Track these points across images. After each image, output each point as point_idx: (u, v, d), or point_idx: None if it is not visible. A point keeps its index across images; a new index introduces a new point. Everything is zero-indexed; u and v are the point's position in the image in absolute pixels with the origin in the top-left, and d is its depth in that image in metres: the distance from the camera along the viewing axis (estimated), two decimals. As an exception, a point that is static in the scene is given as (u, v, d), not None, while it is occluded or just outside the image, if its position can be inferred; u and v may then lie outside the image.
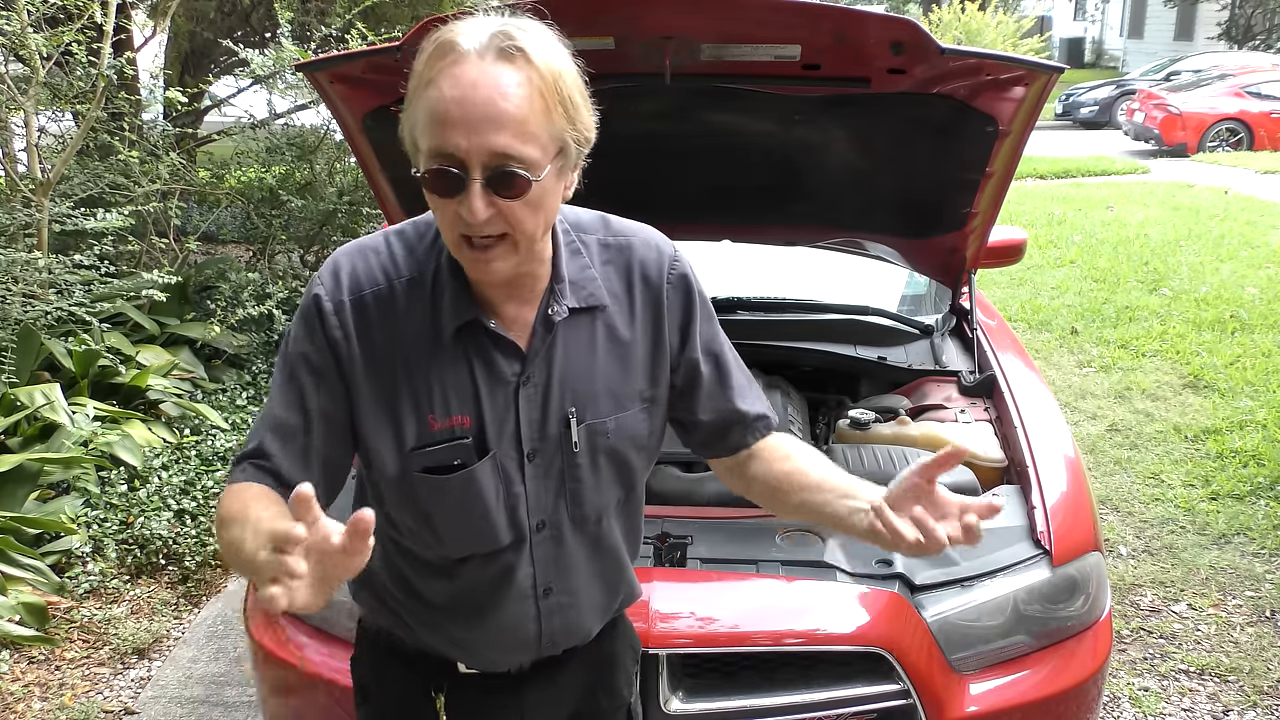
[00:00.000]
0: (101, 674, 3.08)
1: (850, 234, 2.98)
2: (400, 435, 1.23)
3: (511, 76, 1.08)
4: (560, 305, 1.24)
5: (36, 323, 4.11)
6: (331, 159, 6.24)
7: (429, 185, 1.12)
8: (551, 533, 1.30)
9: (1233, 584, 3.52)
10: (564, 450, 1.27)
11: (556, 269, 1.25)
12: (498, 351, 1.24)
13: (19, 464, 3.46)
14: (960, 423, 2.53)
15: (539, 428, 1.26)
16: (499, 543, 1.28)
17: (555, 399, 1.26)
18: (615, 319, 1.30)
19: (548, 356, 1.25)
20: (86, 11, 4.43)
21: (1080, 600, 2.00)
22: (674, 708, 1.78)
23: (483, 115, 1.07)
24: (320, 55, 4.68)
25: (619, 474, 1.33)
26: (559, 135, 1.13)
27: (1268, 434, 4.68)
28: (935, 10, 20.57)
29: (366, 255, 1.25)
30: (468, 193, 1.09)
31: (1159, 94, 15.48)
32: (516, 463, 1.26)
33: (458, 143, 1.07)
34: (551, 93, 1.11)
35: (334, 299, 1.21)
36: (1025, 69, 2.19)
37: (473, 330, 1.23)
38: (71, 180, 4.81)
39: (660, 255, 1.35)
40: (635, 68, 2.25)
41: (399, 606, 1.38)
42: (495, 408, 1.24)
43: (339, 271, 1.23)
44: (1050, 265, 8.12)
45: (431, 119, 1.09)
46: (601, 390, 1.28)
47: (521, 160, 1.09)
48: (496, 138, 1.07)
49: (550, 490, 1.28)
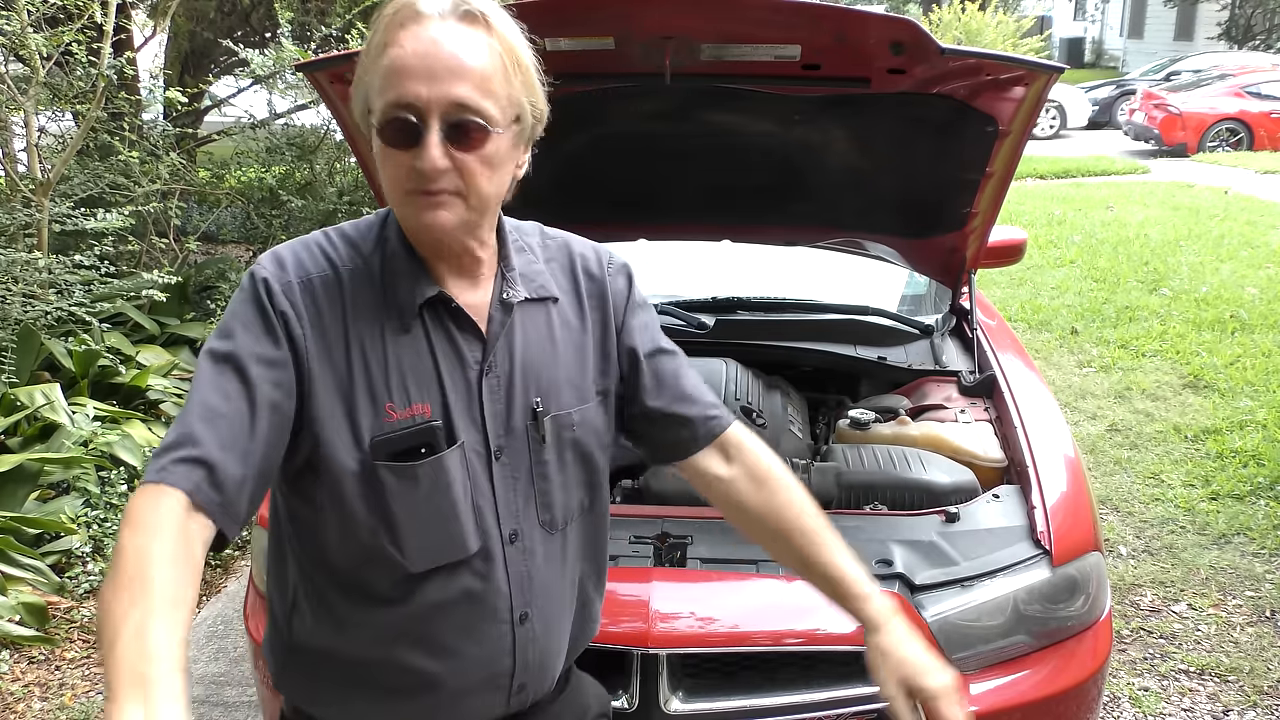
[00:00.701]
0: (101, 674, 3.07)
1: (850, 234, 2.98)
2: (356, 427, 1.15)
3: (474, 36, 1.09)
4: (514, 290, 1.22)
5: (36, 323, 4.11)
6: (331, 159, 6.25)
7: (384, 136, 1.09)
8: (524, 544, 1.24)
9: (1233, 584, 3.52)
10: (530, 446, 1.23)
11: (505, 258, 1.24)
12: (460, 333, 1.20)
13: (19, 464, 3.46)
14: (960, 423, 2.53)
15: (504, 421, 1.21)
16: (466, 549, 1.19)
17: (519, 389, 1.22)
18: (567, 311, 1.29)
19: (508, 343, 1.22)
20: (86, 11, 4.43)
21: (1080, 600, 2.00)
22: (674, 708, 1.77)
23: (445, 66, 1.06)
24: (320, 55, 4.68)
25: (584, 472, 1.29)
26: (517, 101, 1.13)
27: (1268, 434, 4.68)
28: (935, 10, 20.56)
29: (309, 246, 1.20)
30: (424, 143, 1.07)
31: (1159, 94, 15.47)
32: (484, 460, 1.20)
33: (418, 92, 1.06)
34: (511, 58, 1.11)
35: (280, 280, 1.14)
36: (1025, 69, 2.19)
37: (434, 310, 1.19)
38: (71, 180, 4.81)
39: (597, 251, 1.35)
40: (635, 68, 2.25)
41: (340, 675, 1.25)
42: (458, 396, 1.19)
43: (281, 258, 1.17)
44: (1050, 265, 8.12)
45: (391, 73, 1.08)
46: (563, 381, 1.26)
47: (481, 113, 1.08)
48: (458, 87, 1.07)
49: (519, 494, 1.23)
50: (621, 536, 2.02)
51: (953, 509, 2.10)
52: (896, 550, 1.98)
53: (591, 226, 3.07)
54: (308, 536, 1.22)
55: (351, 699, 1.26)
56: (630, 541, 2.01)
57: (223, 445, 1.05)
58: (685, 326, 2.91)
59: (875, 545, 1.99)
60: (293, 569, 1.26)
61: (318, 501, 1.18)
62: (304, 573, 1.24)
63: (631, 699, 1.77)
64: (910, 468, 2.27)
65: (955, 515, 2.08)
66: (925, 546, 2.00)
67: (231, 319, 1.14)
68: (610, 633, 1.78)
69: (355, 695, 1.25)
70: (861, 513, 2.16)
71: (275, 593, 1.30)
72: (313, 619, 1.24)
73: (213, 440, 1.05)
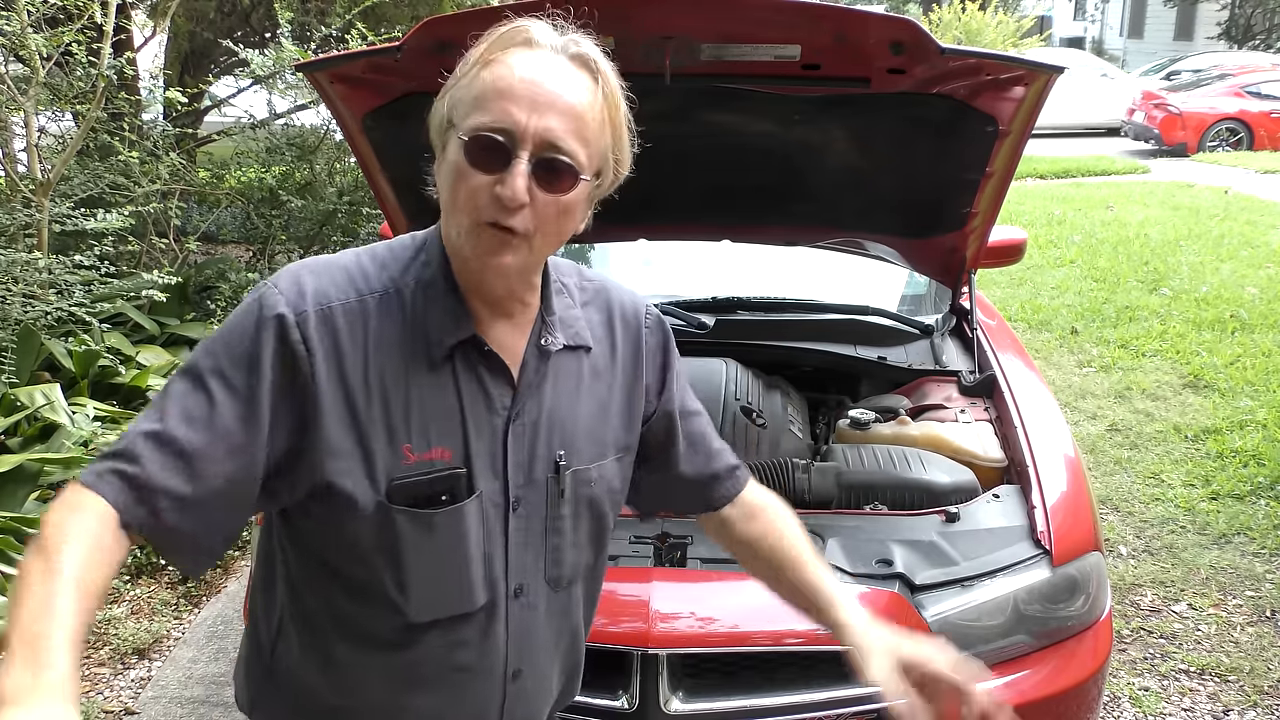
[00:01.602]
0: (101, 674, 3.08)
1: (850, 234, 2.98)
2: (371, 466, 1.07)
3: (582, 79, 1.06)
4: (554, 336, 1.16)
5: (36, 323, 4.11)
6: (331, 159, 6.25)
7: (469, 152, 1.02)
8: (528, 599, 1.19)
9: (1233, 584, 3.52)
10: (548, 500, 1.17)
11: (547, 302, 1.17)
12: (490, 378, 1.12)
13: (19, 464, 3.46)
14: (960, 423, 2.53)
15: (525, 471, 1.15)
16: (472, 604, 1.14)
17: (543, 440, 1.16)
18: (598, 361, 1.23)
19: (539, 392, 1.16)
20: (86, 12, 4.43)
21: (1080, 600, 2.00)
22: (674, 708, 1.77)
23: (549, 99, 1.02)
24: (320, 55, 4.68)
25: (594, 530, 1.24)
26: (605, 154, 1.09)
27: (1268, 434, 4.68)
28: (935, 10, 20.56)
29: (334, 269, 1.11)
30: (511, 170, 1.01)
31: (1159, 94, 15.47)
32: (500, 511, 1.14)
33: (516, 117, 1.01)
34: (611, 111, 1.09)
35: (296, 309, 1.05)
36: (1025, 69, 2.19)
37: (465, 351, 1.11)
38: (71, 180, 4.81)
39: (635, 299, 1.31)
40: (635, 68, 2.23)
41: (317, 712, 1.21)
42: (482, 443, 1.12)
43: (302, 285, 1.08)
44: (1050, 265, 8.11)
45: (489, 92, 1.02)
46: (584, 435, 1.20)
47: (572, 156, 1.04)
48: (557, 123, 1.02)
49: (530, 547, 1.17)
50: (621, 536, 2.02)
51: (953, 509, 2.10)
52: (896, 550, 1.98)
53: (591, 226, 3.10)
54: (305, 565, 1.17)
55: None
56: (630, 541, 2.01)
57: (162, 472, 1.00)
58: (685, 326, 2.91)
59: (875, 545, 1.99)
60: (283, 593, 1.21)
61: (324, 534, 1.13)
62: (296, 599, 1.20)
63: (631, 699, 1.77)
64: (910, 468, 2.27)
65: (955, 515, 2.08)
66: (925, 546, 2.00)
67: (226, 339, 1.06)
68: (610, 633, 1.78)
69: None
70: (861, 513, 2.17)
71: (261, 615, 1.26)
72: (299, 650, 1.20)
73: (157, 467, 1.00)
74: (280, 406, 1.05)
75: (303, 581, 1.18)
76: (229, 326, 1.07)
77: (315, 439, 1.06)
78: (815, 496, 2.21)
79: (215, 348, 1.06)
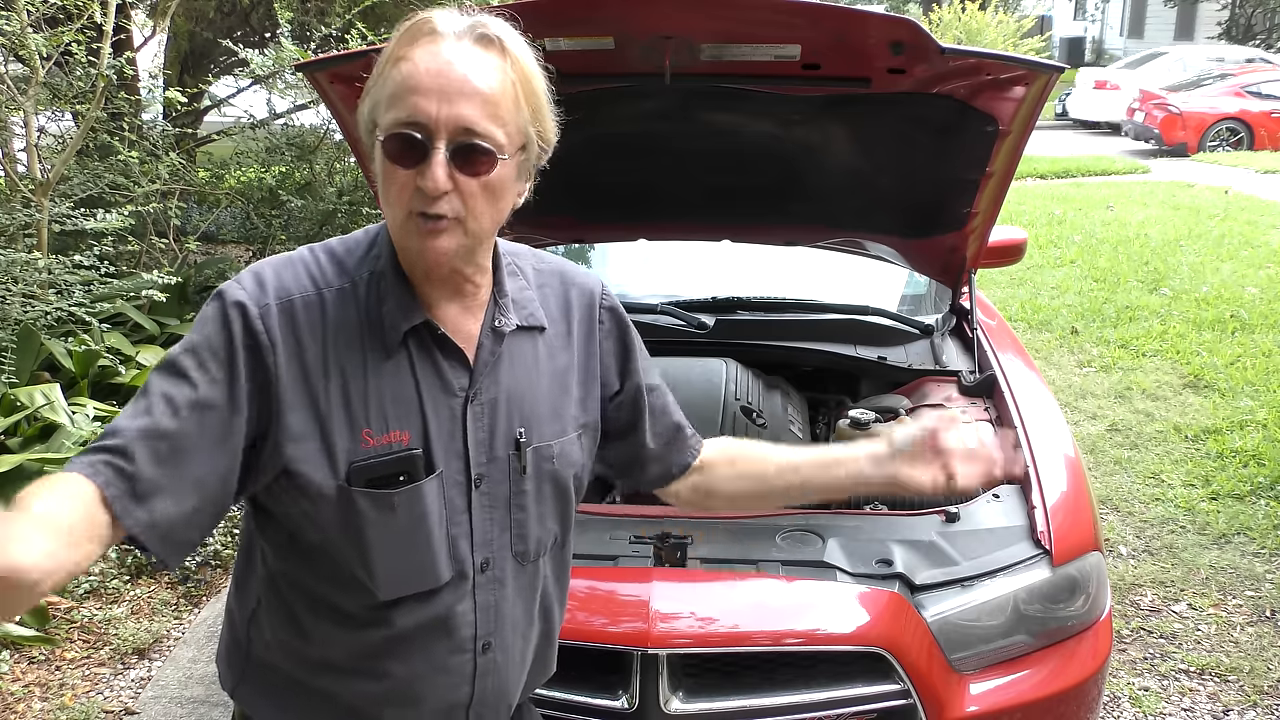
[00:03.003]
0: (102, 674, 3.08)
1: (850, 234, 2.98)
2: (332, 451, 1.12)
3: (488, 59, 1.08)
4: (506, 318, 1.20)
5: (36, 323, 4.11)
6: (331, 159, 6.24)
7: (388, 151, 1.07)
8: (495, 573, 1.23)
9: (1233, 584, 3.52)
10: (510, 476, 1.21)
11: (499, 284, 1.22)
12: (446, 361, 1.17)
13: (19, 464, 3.46)
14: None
15: (486, 449, 1.20)
16: (438, 579, 1.18)
17: (503, 418, 1.20)
18: (554, 341, 1.27)
19: (495, 371, 1.20)
20: (86, 11, 4.43)
21: (1080, 600, 2.00)
22: (674, 708, 1.77)
23: (457, 87, 1.05)
24: (320, 55, 4.68)
25: (559, 505, 1.28)
26: (524, 129, 1.12)
27: (1268, 434, 4.68)
28: (935, 10, 20.55)
29: (293, 264, 1.16)
30: (429, 161, 1.05)
31: (1159, 93, 15.48)
32: (462, 489, 1.19)
33: (427, 110, 1.05)
34: (524, 85, 1.10)
35: (259, 303, 1.10)
36: (1025, 69, 2.19)
37: (419, 336, 1.16)
38: (71, 180, 4.81)
39: (590, 280, 1.34)
40: (635, 68, 2.25)
41: (297, 692, 1.25)
42: (440, 424, 1.16)
43: (261, 276, 1.13)
44: (1050, 265, 8.11)
45: (401, 88, 1.06)
46: (545, 412, 1.24)
47: (488, 138, 1.07)
48: (468, 109, 1.05)
49: (495, 522, 1.22)
50: (622, 536, 2.02)
51: (953, 509, 2.10)
52: (896, 550, 1.98)
53: (591, 226, 3.10)
54: (277, 551, 1.21)
55: (307, 717, 1.27)
56: (630, 541, 2.01)
57: (155, 466, 1.02)
58: (685, 326, 2.91)
59: (875, 545, 1.99)
60: (259, 580, 1.25)
61: (291, 519, 1.16)
62: (271, 585, 1.24)
63: (631, 699, 1.77)
64: (910, 468, 2.27)
65: (955, 515, 2.08)
66: (925, 546, 2.00)
67: (198, 336, 1.10)
68: (610, 633, 1.78)
69: (311, 714, 1.26)
70: (861, 513, 2.17)
71: (236, 602, 1.31)
72: (272, 633, 1.24)
73: (146, 458, 1.02)
74: (252, 392, 1.09)
75: (277, 568, 1.22)
76: (198, 323, 1.11)
77: (278, 426, 1.10)
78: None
79: (189, 343, 1.10)
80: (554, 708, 1.75)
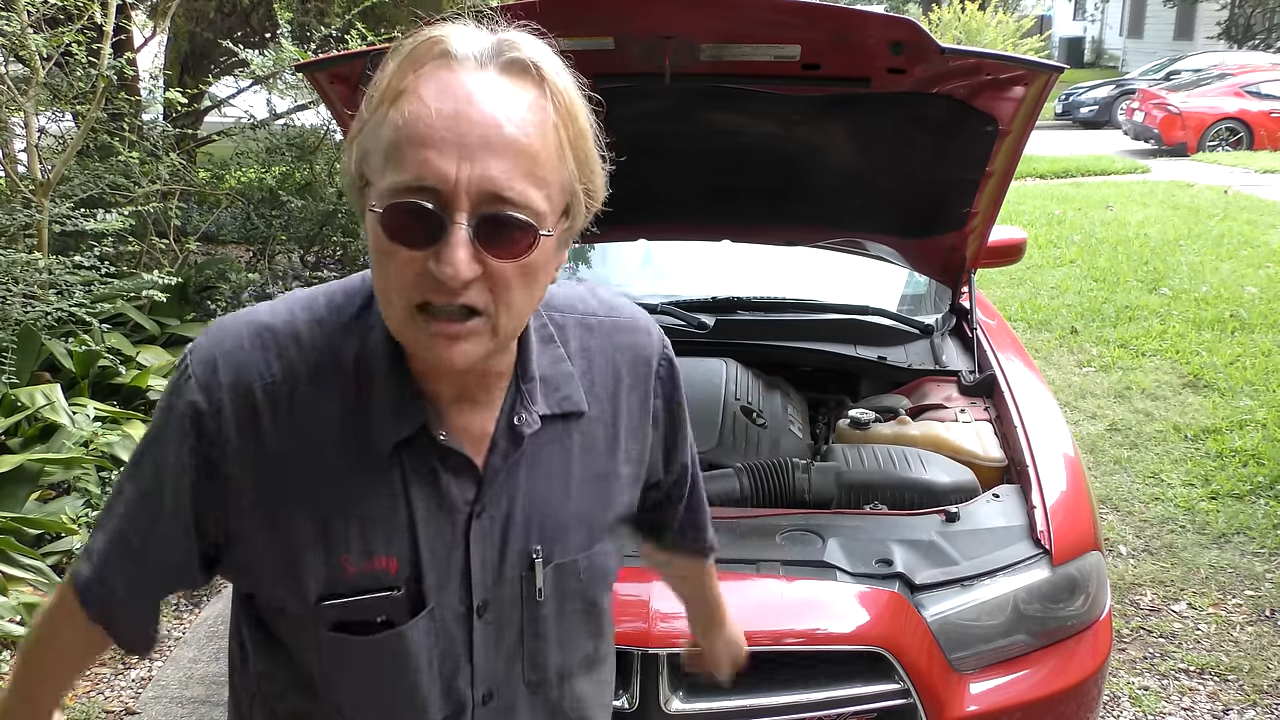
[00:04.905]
0: (102, 674, 3.08)
1: (850, 234, 2.98)
2: (300, 579, 0.91)
3: (522, 96, 0.81)
4: (530, 413, 0.95)
5: (37, 323, 4.11)
6: (331, 159, 6.24)
7: (389, 227, 0.80)
8: (501, 703, 1.01)
9: (1233, 583, 3.52)
10: (525, 600, 0.99)
11: (524, 364, 0.95)
12: (448, 473, 0.93)
13: (20, 465, 3.46)
14: (960, 422, 2.53)
15: (495, 572, 0.97)
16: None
17: (517, 534, 0.97)
18: (595, 427, 1.01)
19: (510, 480, 0.96)
20: (86, 12, 4.43)
21: (1080, 599, 2.00)
22: (674, 708, 1.78)
23: (481, 138, 0.78)
24: (320, 55, 4.68)
25: (588, 623, 1.06)
26: (569, 187, 0.86)
27: (1267, 433, 4.68)
28: (935, 10, 20.56)
29: (258, 337, 0.91)
30: (447, 241, 0.79)
31: (1159, 93, 15.48)
32: (462, 619, 0.96)
33: (443, 170, 0.78)
34: (569, 128, 0.84)
35: (210, 395, 0.89)
36: (1025, 68, 2.19)
37: (416, 444, 0.91)
38: (72, 181, 4.81)
39: (646, 340, 1.08)
40: (635, 68, 2.25)
41: None
42: (438, 546, 0.93)
43: (214, 364, 0.90)
44: (1050, 265, 8.12)
45: (404, 139, 0.79)
46: (573, 521, 1.00)
47: (525, 207, 0.81)
48: (498, 168, 0.79)
49: (502, 655, 1.00)
50: (622, 536, 2.02)
51: (953, 509, 2.10)
52: (896, 550, 1.98)
53: (591, 226, 3.10)
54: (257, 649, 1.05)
55: None
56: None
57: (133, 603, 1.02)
58: (685, 326, 2.91)
59: (875, 545, 1.99)
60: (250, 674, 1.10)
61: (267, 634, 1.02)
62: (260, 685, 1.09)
63: (632, 699, 1.77)
64: (910, 467, 2.27)
65: (955, 515, 2.08)
66: (925, 546, 2.00)
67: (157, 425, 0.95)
68: (610, 633, 1.78)
69: None
70: (861, 512, 2.17)
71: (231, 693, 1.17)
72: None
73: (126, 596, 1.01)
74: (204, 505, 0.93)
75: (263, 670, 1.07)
76: (154, 420, 0.96)
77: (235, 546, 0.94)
78: (815, 496, 2.21)
79: (144, 446, 0.97)
80: (554, 707, 1.75)
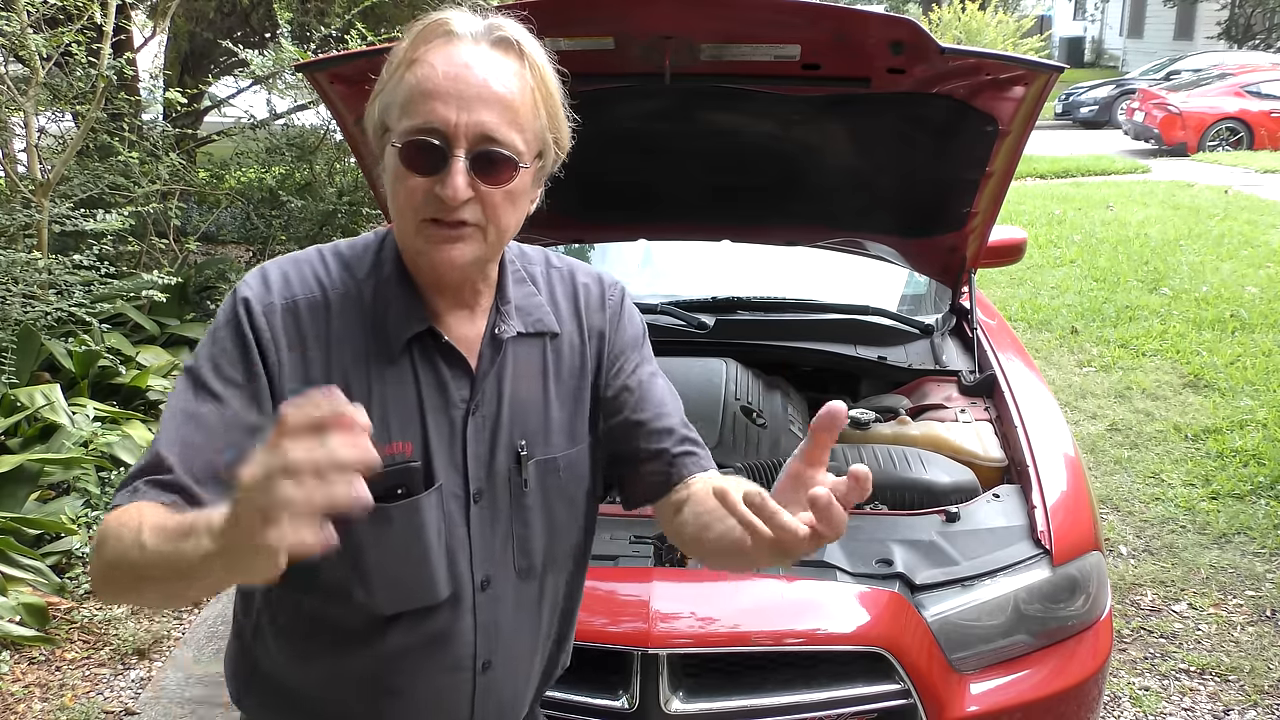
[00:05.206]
0: (102, 674, 3.08)
1: (850, 234, 2.98)
2: None
3: (507, 64, 1.06)
4: (507, 324, 1.17)
5: (36, 323, 4.11)
6: (331, 159, 6.25)
7: (405, 158, 1.05)
8: (495, 591, 1.19)
9: (1233, 583, 3.52)
10: (512, 490, 1.18)
11: (502, 290, 1.18)
12: (448, 370, 1.14)
13: (19, 465, 3.46)
14: (960, 422, 2.53)
15: (486, 464, 1.16)
16: (436, 596, 1.15)
17: (504, 431, 1.17)
18: (564, 348, 1.23)
19: (498, 381, 1.17)
20: (86, 12, 4.43)
21: (1080, 600, 2.00)
22: (674, 708, 1.77)
23: (476, 92, 1.03)
24: (320, 55, 4.68)
25: (569, 519, 1.24)
26: (542, 135, 1.10)
27: (1268, 433, 4.68)
28: (935, 10, 20.56)
29: (299, 264, 1.15)
30: (449, 169, 1.03)
31: (1159, 93, 15.47)
32: (461, 504, 1.15)
33: (446, 116, 1.02)
34: (542, 91, 1.09)
35: (263, 301, 1.10)
36: (1025, 68, 2.19)
37: (423, 344, 1.14)
38: (71, 181, 4.81)
39: (602, 281, 1.29)
40: (635, 68, 2.25)
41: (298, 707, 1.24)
42: (441, 436, 1.13)
43: (267, 277, 1.12)
44: (1050, 265, 8.11)
45: (417, 93, 1.04)
46: (555, 422, 1.20)
47: (509, 146, 1.05)
48: (488, 116, 1.03)
49: (497, 539, 1.18)
50: (622, 536, 2.02)
51: (953, 509, 2.10)
52: (896, 550, 1.98)
53: (592, 226, 3.10)
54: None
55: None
56: (630, 541, 2.01)
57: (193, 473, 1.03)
58: (685, 326, 2.91)
59: (875, 545, 1.99)
60: (260, 594, 1.23)
61: None
62: (269, 600, 1.22)
63: (632, 699, 1.77)
64: (910, 467, 2.27)
65: (955, 515, 2.08)
66: (925, 546, 2.00)
67: (210, 340, 1.11)
68: (610, 633, 1.78)
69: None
70: (861, 513, 2.16)
71: (240, 612, 1.29)
72: (275, 648, 1.23)
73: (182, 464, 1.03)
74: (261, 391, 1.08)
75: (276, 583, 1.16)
76: (213, 327, 1.11)
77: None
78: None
79: (205, 349, 1.10)
80: (554, 708, 1.75)
